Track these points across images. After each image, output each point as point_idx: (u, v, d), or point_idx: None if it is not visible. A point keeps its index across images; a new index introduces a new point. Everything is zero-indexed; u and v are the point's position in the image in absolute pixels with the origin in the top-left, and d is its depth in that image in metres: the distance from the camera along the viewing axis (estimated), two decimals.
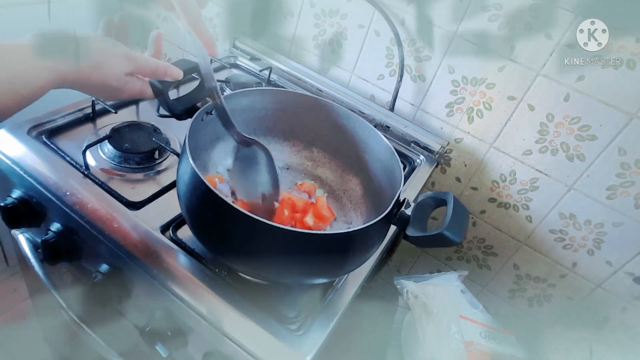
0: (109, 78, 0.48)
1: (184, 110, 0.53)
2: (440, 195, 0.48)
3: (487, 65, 0.78)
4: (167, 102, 0.52)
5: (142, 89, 0.51)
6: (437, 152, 0.87)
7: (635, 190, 0.75)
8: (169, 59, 0.42)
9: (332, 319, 0.53)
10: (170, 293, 0.52)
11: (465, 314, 0.73)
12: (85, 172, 0.61)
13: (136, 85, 0.51)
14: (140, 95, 0.52)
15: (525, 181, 0.85)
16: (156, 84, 0.51)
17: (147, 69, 0.51)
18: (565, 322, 0.94)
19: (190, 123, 0.49)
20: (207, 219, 0.46)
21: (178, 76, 0.52)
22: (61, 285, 0.74)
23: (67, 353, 1.04)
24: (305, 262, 0.46)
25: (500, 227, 0.93)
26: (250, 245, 0.44)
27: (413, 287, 0.74)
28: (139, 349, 0.66)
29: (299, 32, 0.97)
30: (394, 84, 0.89)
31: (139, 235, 0.55)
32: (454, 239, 0.43)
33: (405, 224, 0.47)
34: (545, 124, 0.77)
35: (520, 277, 0.96)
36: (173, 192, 0.63)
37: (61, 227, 0.63)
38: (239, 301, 0.51)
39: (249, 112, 0.62)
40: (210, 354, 0.54)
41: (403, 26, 0.84)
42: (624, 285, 0.83)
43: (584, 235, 0.83)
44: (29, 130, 0.65)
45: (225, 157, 0.63)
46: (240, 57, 1.02)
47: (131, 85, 0.50)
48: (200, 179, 0.43)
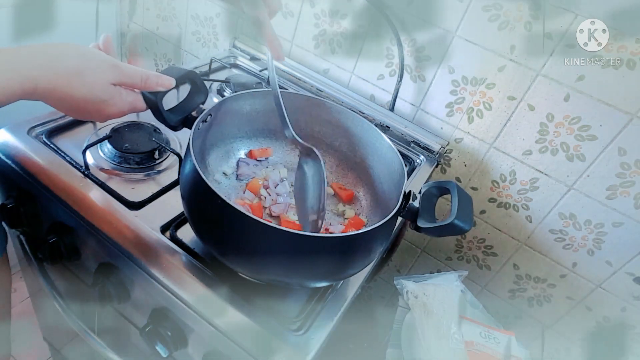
0: (93, 87, 0.41)
1: (180, 120, 0.52)
2: (443, 184, 0.49)
3: (487, 65, 0.78)
4: (162, 113, 0.49)
5: (133, 102, 0.47)
6: (437, 152, 0.87)
7: (635, 190, 0.75)
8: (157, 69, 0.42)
9: (332, 319, 0.53)
10: (170, 293, 0.52)
11: (465, 314, 0.73)
12: (85, 172, 0.61)
13: (126, 98, 0.46)
14: (131, 110, 0.47)
15: (525, 181, 0.85)
16: (149, 95, 0.48)
17: (136, 79, 0.45)
18: (565, 322, 0.94)
19: (191, 133, 0.48)
20: (209, 220, 0.46)
21: (170, 85, 0.48)
22: (61, 285, 0.74)
23: (67, 353, 1.04)
24: (310, 265, 0.46)
25: (500, 227, 0.93)
26: (253, 248, 0.44)
27: (413, 287, 0.74)
28: (139, 349, 0.66)
29: (299, 32, 0.97)
30: (394, 84, 0.89)
31: (139, 235, 0.55)
32: (464, 227, 0.43)
33: (415, 216, 0.48)
34: (545, 124, 0.77)
35: (520, 277, 0.96)
36: (173, 192, 0.63)
37: (61, 227, 0.63)
38: (239, 301, 0.51)
39: (240, 115, 0.62)
40: (210, 354, 0.54)
41: (403, 26, 0.84)
42: (624, 285, 0.83)
43: (584, 235, 0.83)
44: (29, 130, 0.65)
45: (220, 164, 0.63)
46: (240, 57, 1.02)
47: (120, 99, 0.45)
48: (205, 182, 0.43)
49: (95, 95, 0.42)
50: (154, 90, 0.48)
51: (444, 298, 0.73)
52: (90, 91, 0.41)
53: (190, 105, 0.53)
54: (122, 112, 0.47)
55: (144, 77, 0.46)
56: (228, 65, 1.00)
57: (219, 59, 0.97)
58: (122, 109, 0.46)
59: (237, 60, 1.02)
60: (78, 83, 0.40)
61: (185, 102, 0.53)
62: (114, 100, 0.44)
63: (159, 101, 0.48)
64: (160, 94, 0.48)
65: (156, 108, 0.49)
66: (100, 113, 0.45)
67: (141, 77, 0.46)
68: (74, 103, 0.41)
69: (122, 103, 0.46)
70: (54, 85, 0.39)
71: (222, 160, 0.64)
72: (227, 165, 0.64)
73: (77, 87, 0.40)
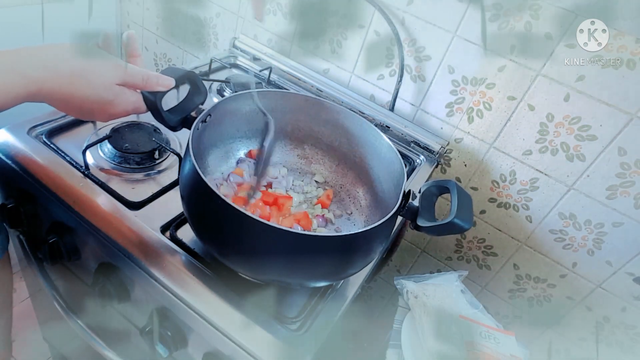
0: (98, 87, 0.41)
1: (179, 121, 0.52)
2: (443, 183, 0.49)
3: (487, 65, 0.78)
4: (162, 114, 0.49)
5: (137, 102, 0.46)
6: (437, 152, 0.87)
7: (635, 190, 0.75)
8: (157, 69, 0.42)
9: (332, 319, 0.53)
10: (170, 293, 0.52)
11: (465, 314, 0.72)
12: (85, 172, 0.61)
13: (130, 98, 0.45)
14: (134, 110, 0.47)
15: (525, 181, 0.85)
16: (149, 95, 0.48)
17: (137, 79, 0.45)
18: (565, 322, 0.94)
19: (191, 133, 0.48)
20: (209, 220, 0.46)
21: (170, 85, 0.48)
22: (61, 285, 0.74)
23: (67, 353, 1.04)
24: (310, 265, 0.46)
25: (500, 227, 0.93)
26: (253, 248, 0.44)
27: (413, 287, 0.74)
28: (139, 349, 0.66)
29: (299, 32, 0.97)
30: (394, 84, 0.89)
31: (139, 235, 0.55)
32: (464, 226, 0.44)
33: (415, 215, 0.48)
34: (545, 124, 0.77)
35: (520, 277, 0.96)
36: (173, 192, 0.63)
37: (61, 227, 0.63)
38: (239, 301, 0.51)
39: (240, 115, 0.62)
40: (210, 354, 0.54)
41: (403, 26, 0.84)
42: (624, 285, 0.83)
43: (584, 235, 0.83)
44: (29, 130, 0.65)
45: (220, 164, 0.63)
46: (240, 57, 1.02)
47: (124, 98, 0.44)
48: (205, 182, 0.43)
49: (100, 96, 0.41)
50: (154, 90, 0.47)
51: (444, 298, 0.73)
52: (94, 92, 0.40)
53: (190, 105, 0.53)
54: (125, 112, 0.46)
55: (145, 76, 0.46)
56: (228, 65, 1.00)
57: (219, 59, 0.97)
58: (126, 109, 0.46)
59: (237, 60, 1.02)
60: (82, 84, 0.39)
61: (184, 102, 0.53)
62: (118, 100, 0.44)
63: (158, 101, 0.48)
64: (159, 94, 0.48)
65: (155, 108, 0.49)
66: (104, 113, 0.44)
67: (142, 77, 0.46)
68: (78, 104, 0.41)
69: (126, 103, 0.45)
70: (58, 87, 0.38)
71: (222, 160, 0.64)
72: (227, 165, 0.64)
73: (81, 88, 0.39)
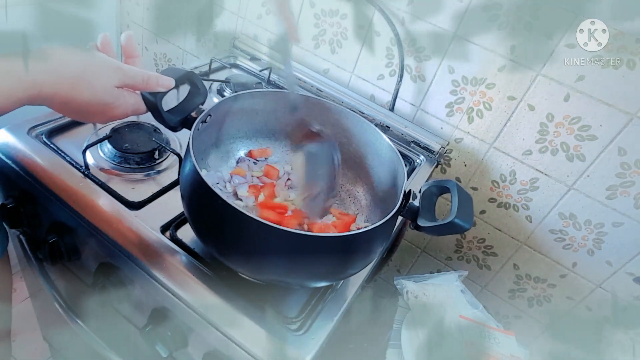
0: (98, 91, 0.41)
1: (179, 121, 0.51)
2: (443, 183, 0.49)
3: (487, 65, 0.78)
4: (162, 114, 0.49)
5: (136, 104, 0.47)
6: (437, 152, 0.87)
7: (635, 190, 0.75)
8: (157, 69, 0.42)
9: (332, 319, 0.53)
10: (170, 293, 0.52)
11: (465, 314, 0.73)
12: (85, 172, 0.61)
13: (129, 100, 0.45)
14: (134, 112, 0.47)
15: (525, 181, 0.85)
16: (149, 96, 0.47)
17: (138, 80, 0.45)
18: (565, 322, 0.94)
19: (191, 134, 0.48)
20: (209, 220, 0.46)
21: (170, 85, 0.48)
22: (61, 285, 0.74)
23: (67, 353, 1.04)
24: (310, 265, 0.46)
25: (500, 227, 0.93)
26: (253, 248, 0.44)
27: (413, 287, 0.74)
28: (139, 349, 0.66)
29: (299, 32, 0.97)
30: (394, 84, 0.89)
31: (139, 235, 0.55)
32: (464, 225, 0.43)
33: (416, 215, 0.48)
34: (545, 124, 0.77)
35: (520, 277, 0.96)
36: (173, 192, 0.63)
37: (61, 227, 0.63)
38: (239, 301, 0.51)
39: (240, 116, 0.62)
40: (210, 354, 0.54)
41: (403, 26, 0.84)
42: (624, 285, 0.83)
43: (584, 235, 0.83)
44: (29, 130, 0.65)
45: (220, 164, 0.63)
46: (240, 57, 1.02)
47: (124, 100, 0.45)
48: (205, 182, 0.43)
49: (100, 98, 0.41)
50: (155, 90, 0.47)
51: (444, 298, 0.73)
52: (94, 94, 0.41)
53: (190, 105, 0.53)
54: (125, 114, 0.46)
55: (145, 77, 0.46)
56: (228, 65, 1.00)
57: (219, 59, 0.97)
58: (126, 111, 0.46)
59: (237, 60, 1.02)
60: (82, 87, 0.40)
61: (184, 102, 0.53)
62: (118, 103, 0.44)
63: (158, 102, 0.48)
64: (159, 94, 0.48)
65: (155, 109, 0.49)
66: (104, 115, 0.45)
67: (142, 78, 0.46)
68: (78, 107, 0.41)
69: (126, 105, 0.45)
70: (58, 90, 0.38)
71: (222, 160, 0.64)
72: (227, 166, 0.64)
73: (81, 91, 0.40)
